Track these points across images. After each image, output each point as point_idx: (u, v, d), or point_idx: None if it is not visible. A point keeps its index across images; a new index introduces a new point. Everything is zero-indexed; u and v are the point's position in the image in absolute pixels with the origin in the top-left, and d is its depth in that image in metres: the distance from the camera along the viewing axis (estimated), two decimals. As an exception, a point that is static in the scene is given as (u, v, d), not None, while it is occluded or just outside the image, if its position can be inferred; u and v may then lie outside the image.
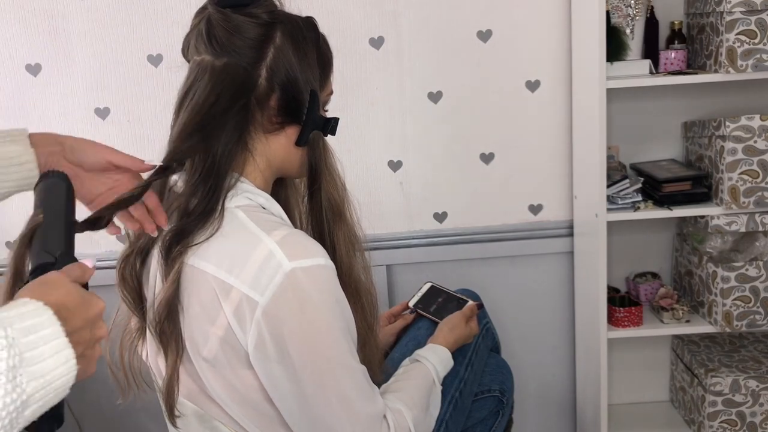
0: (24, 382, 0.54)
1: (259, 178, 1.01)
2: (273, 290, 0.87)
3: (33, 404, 0.56)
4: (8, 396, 0.53)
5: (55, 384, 0.58)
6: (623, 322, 1.85)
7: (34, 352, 0.56)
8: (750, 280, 1.75)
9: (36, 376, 0.56)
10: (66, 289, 0.64)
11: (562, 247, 2.01)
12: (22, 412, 0.55)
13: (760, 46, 1.63)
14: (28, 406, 0.55)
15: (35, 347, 0.56)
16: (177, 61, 1.03)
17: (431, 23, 1.89)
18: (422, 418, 1.08)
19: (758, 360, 1.92)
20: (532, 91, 1.94)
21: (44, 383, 0.56)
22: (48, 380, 0.57)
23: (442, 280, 1.62)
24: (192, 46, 0.98)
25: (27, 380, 0.55)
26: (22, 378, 0.54)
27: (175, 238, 0.92)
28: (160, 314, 0.92)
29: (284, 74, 0.96)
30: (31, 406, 0.55)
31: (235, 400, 0.96)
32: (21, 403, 0.54)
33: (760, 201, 1.71)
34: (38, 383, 0.56)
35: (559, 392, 2.14)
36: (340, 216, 1.05)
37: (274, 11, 0.98)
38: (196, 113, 0.92)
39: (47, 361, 0.57)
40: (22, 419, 0.55)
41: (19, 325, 0.56)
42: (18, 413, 0.54)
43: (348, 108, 1.92)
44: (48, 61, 1.90)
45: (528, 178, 1.99)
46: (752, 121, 1.68)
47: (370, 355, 1.06)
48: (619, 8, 1.80)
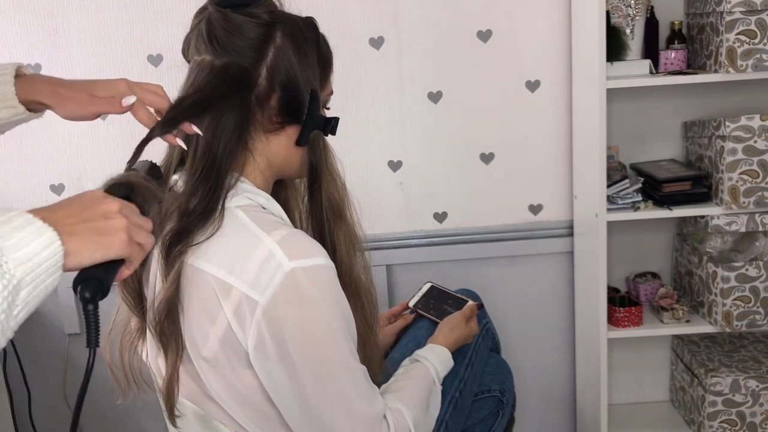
0: (11, 268, 0.58)
1: (260, 178, 1.01)
2: (273, 290, 0.87)
3: (25, 286, 0.59)
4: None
5: (45, 265, 0.61)
6: (623, 322, 1.85)
7: (12, 240, 0.59)
8: (750, 280, 1.75)
9: (23, 261, 0.59)
10: None
11: (562, 247, 2.01)
12: (16, 295, 0.59)
13: (760, 46, 1.63)
14: (21, 288, 0.59)
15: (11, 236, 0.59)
16: (177, 61, 1.03)
17: (431, 23, 1.89)
18: (422, 418, 1.08)
19: (758, 360, 1.92)
20: (532, 91, 1.94)
21: (33, 266, 0.60)
22: (36, 263, 0.60)
23: (442, 280, 1.62)
24: (192, 46, 0.98)
25: (14, 266, 0.58)
26: (8, 265, 0.58)
27: (175, 237, 0.91)
28: (160, 314, 0.92)
29: (284, 74, 0.96)
30: (24, 288, 0.59)
31: (235, 400, 0.96)
32: (13, 287, 0.58)
33: (760, 201, 1.71)
34: (26, 267, 0.59)
35: (559, 392, 2.14)
36: (341, 216, 1.05)
37: (274, 11, 0.98)
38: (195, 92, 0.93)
39: (31, 245, 0.60)
40: (19, 301, 0.59)
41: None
42: (13, 297, 0.58)
43: (348, 108, 1.92)
44: (48, 61, 1.90)
45: (528, 178, 1.99)
46: (752, 121, 1.68)
47: (370, 355, 1.06)
48: (619, 8, 1.80)
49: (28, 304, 0.60)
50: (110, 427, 2.11)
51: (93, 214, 0.68)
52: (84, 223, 0.66)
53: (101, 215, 0.68)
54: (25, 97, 0.92)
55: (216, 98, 0.93)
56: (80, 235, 0.65)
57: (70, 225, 0.64)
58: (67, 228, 0.64)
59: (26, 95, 0.92)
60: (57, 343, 2.07)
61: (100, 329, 0.71)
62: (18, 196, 1.99)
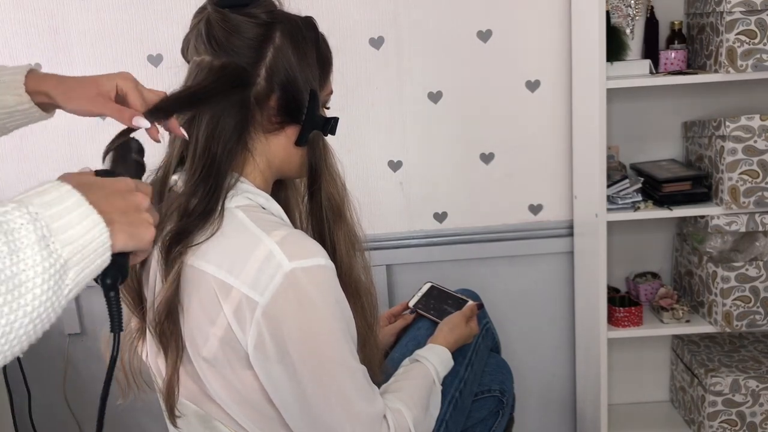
0: (59, 248, 0.59)
1: (259, 178, 1.01)
2: (273, 290, 0.87)
3: (73, 266, 0.60)
4: (46, 261, 0.57)
5: (92, 246, 0.62)
6: (623, 322, 1.85)
7: (61, 221, 0.60)
8: (750, 280, 1.75)
9: (69, 242, 0.60)
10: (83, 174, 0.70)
11: (562, 247, 2.01)
12: (65, 274, 0.59)
13: (760, 46, 1.63)
14: (69, 268, 0.60)
15: (61, 217, 0.60)
16: (177, 61, 1.03)
17: (431, 23, 1.89)
18: (422, 418, 1.08)
19: (758, 360, 1.92)
20: (532, 91, 1.94)
21: (79, 247, 0.61)
22: (82, 244, 0.61)
23: (442, 280, 1.62)
24: (191, 47, 0.98)
25: (61, 246, 0.59)
26: (56, 245, 0.59)
27: (174, 238, 0.91)
28: (160, 314, 0.92)
29: (284, 74, 0.96)
30: (72, 268, 0.60)
31: (235, 400, 0.96)
32: (60, 267, 0.59)
33: (760, 201, 1.71)
34: (73, 248, 0.60)
35: (559, 392, 2.14)
36: (341, 216, 1.05)
37: (273, 11, 0.98)
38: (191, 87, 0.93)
39: (76, 227, 0.61)
40: (69, 280, 0.60)
41: (39, 201, 0.60)
42: (61, 276, 0.59)
43: (348, 108, 1.92)
44: (48, 61, 1.90)
45: (528, 178, 1.99)
46: (752, 121, 1.68)
47: (370, 355, 1.06)
48: (619, 8, 1.80)
49: (79, 284, 0.61)
50: (110, 427, 2.11)
51: (128, 204, 0.69)
52: (121, 214, 0.67)
53: (134, 207, 0.69)
54: (31, 87, 0.94)
55: (212, 93, 0.93)
56: (118, 224, 0.66)
57: (109, 212, 0.65)
58: (108, 215, 0.65)
59: (33, 85, 0.94)
60: (57, 343, 2.07)
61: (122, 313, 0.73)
62: (18, 196, 1.98)
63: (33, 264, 0.56)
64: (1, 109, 0.94)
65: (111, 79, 0.94)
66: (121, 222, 0.66)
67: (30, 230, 0.57)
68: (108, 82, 0.94)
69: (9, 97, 0.93)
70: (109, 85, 0.94)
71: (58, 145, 1.95)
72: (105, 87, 0.94)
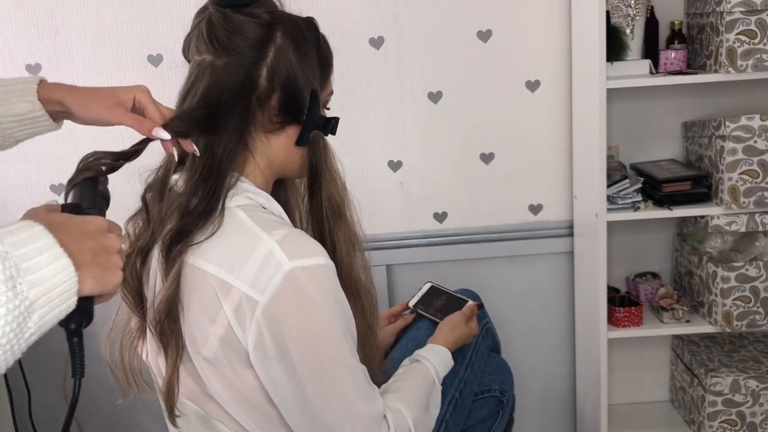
0: (25, 290, 0.58)
1: (260, 178, 1.01)
2: (273, 290, 0.87)
3: (38, 309, 0.59)
4: (11, 302, 0.56)
5: (58, 290, 0.61)
6: (623, 322, 1.85)
7: (31, 262, 0.59)
8: (750, 280, 1.75)
9: (36, 284, 0.59)
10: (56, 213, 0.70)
11: (562, 247, 2.01)
12: (28, 317, 0.58)
13: (760, 46, 1.63)
14: (33, 311, 0.59)
15: (30, 258, 0.59)
16: (177, 61, 1.03)
17: (431, 23, 1.89)
18: (422, 418, 1.08)
19: (758, 360, 1.92)
20: (532, 91, 1.94)
21: (45, 290, 0.60)
22: (49, 287, 0.60)
23: (442, 280, 1.62)
24: (193, 46, 0.98)
25: (28, 288, 0.58)
26: (23, 286, 0.58)
27: (175, 237, 0.92)
28: (160, 314, 0.92)
29: (285, 74, 0.96)
30: (36, 311, 0.59)
31: (235, 399, 0.96)
32: (24, 309, 0.58)
33: (760, 201, 1.71)
34: (39, 290, 0.59)
35: (559, 392, 2.14)
36: (341, 216, 1.05)
37: (274, 11, 0.98)
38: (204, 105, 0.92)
39: (45, 269, 0.60)
40: (32, 323, 0.59)
41: (11, 240, 0.59)
42: (24, 318, 0.58)
43: (348, 108, 1.92)
44: (48, 61, 1.90)
45: (528, 178, 1.99)
46: (752, 121, 1.68)
47: (370, 355, 1.06)
48: (619, 8, 1.80)
49: (42, 327, 0.60)
50: (110, 427, 2.11)
51: (98, 245, 0.67)
52: (91, 255, 0.66)
53: (105, 249, 0.68)
54: (44, 96, 0.93)
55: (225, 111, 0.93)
56: (87, 267, 0.65)
57: (79, 255, 0.64)
58: (78, 258, 0.64)
59: (46, 94, 0.94)
60: (57, 343, 2.07)
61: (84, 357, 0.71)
62: (18, 196, 1.99)
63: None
64: (13, 117, 0.93)
65: (129, 91, 0.94)
66: (91, 265, 0.65)
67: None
68: (126, 94, 0.94)
69: (22, 104, 0.92)
70: (127, 96, 0.93)
71: (57, 146, 1.95)
72: (122, 97, 0.93)
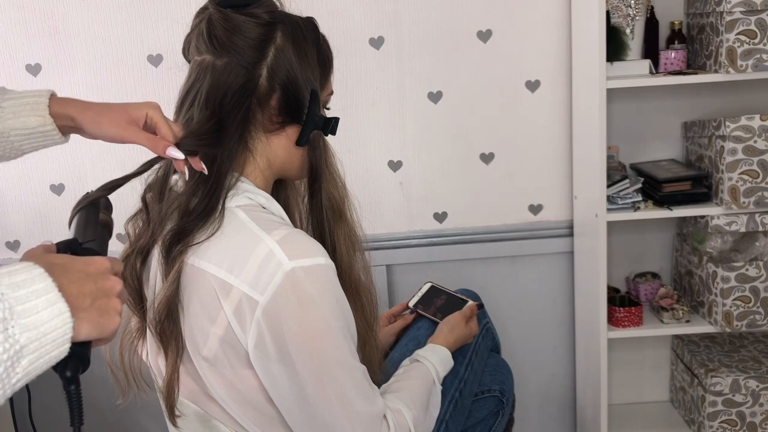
0: (17, 333, 0.56)
1: (260, 178, 1.01)
2: (273, 290, 0.87)
3: (28, 354, 0.57)
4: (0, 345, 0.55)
5: (51, 335, 0.59)
6: (623, 322, 1.85)
7: (26, 305, 0.58)
8: (750, 280, 1.75)
9: (29, 328, 0.57)
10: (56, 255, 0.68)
11: (562, 247, 2.01)
12: (17, 362, 0.57)
13: (760, 46, 1.63)
14: (23, 356, 0.57)
15: (27, 301, 0.58)
16: (177, 61, 1.03)
17: (431, 23, 1.89)
18: (422, 418, 1.08)
19: (758, 360, 1.92)
20: (532, 91, 1.94)
21: (38, 335, 0.58)
22: (42, 332, 0.58)
23: (442, 280, 1.62)
24: (193, 46, 0.98)
25: (20, 332, 0.56)
26: (14, 330, 0.56)
27: (175, 237, 0.92)
28: (160, 314, 0.92)
29: (285, 74, 0.96)
30: (26, 357, 0.57)
31: (235, 399, 0.96)
32: (14, 353, 0.56)
33: (760, 201, 1.71)
34: (32, 334, 0.57)
35: (559, 392, 2.14)
36: (341, 216, 1.05)
37: (274, 11, 0.98)
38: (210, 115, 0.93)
39: (41, 313, 0.58)
40: (20, 369, 0.57)
41: (8, 281, 0.58)
42: (13, 362, 0.56)
43: (348, 108, 1.92)
44: (48, 61, 1.90)
45: (528, 178, 1.99)
46: (752, 121, 1.68)
47: (370, 355, 1.06)
48: (619, 8, 1.80)
49: (29, 374, 0.58)
50: (110, 427, 2.11)
51: (99, 289, 0.66)
52: (91, 299, 0.64)
53: (104, 292, 0.66)
54: (55, 110, 0.93)
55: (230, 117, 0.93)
56: (85, 312, 0.63)
57: (78, 298, 0.63)
58: (75, 301, 0.62)
59: (57, 108, 0.93)
60: (57, 343, 2.07)
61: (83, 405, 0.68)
62: (18, 196, 1.99)
63: None
64: (21, 130, 0.92)
65: (141, 108, 0.93)
66: (89, 310, 0.64)
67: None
68: (138, 111, 0.93)
69: (32, 118, 0.92)
70: (139, 113, 0.93)
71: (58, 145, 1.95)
72: (135, 115, 0.93)
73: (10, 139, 0.93)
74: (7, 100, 0.92)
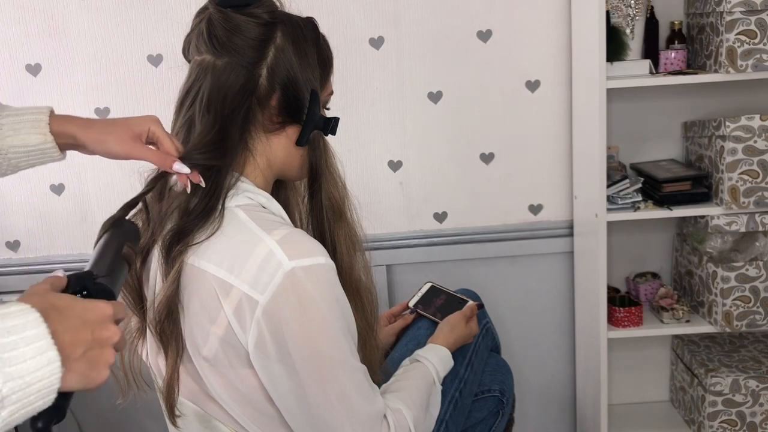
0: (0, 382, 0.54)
1: (260, 178, 1.01)
2: (273, 289, 0.87)
3: (9, 405, 0.54)
4: None
5: (36, 386, 0.56)
6: (623, 322, 1.85)
7: (14, 353, 0.55)
8: (750, 280, 1.75)
9: (13, 377, 0.54)
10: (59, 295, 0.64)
11: (562, 247, 2.01)
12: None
13: (760, 46, 1.63)
14: (4, 407, 0.54)
15: (15, 348, 0.55)
16: (177, 61, 1.04)
17: (431, 23, 1.89)
18: (422, 418, 1.08)
19: (758, 360, 1.92)
20: (532, 91, 1.94)
21: (23, 384, 0.55)
22: (27, 381, 0.55)
23: (442, 280, 1.62)
24: (193, 46, 0.98)
25: (3, 381, 0.54)
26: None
27: (175, 237, 0.92)
28: (160, 313, 0.92)
29: (285, 74, 0.96)
30: (7, 407, 0.54)
31: (235, 399, 0.96)
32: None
33: (760, 201, 1.71)
34: (15, 384, 0.55)
35: (559, 392, 2.14)
36: (341, 215, 1.05)
37: (274, 11, 0.98)
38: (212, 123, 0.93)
39: (28, 362, 0.56)
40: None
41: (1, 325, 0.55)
42: None
43: (348, 108, 1.92)
44: (48, 61, 1.90)
45: (528, 178, 1.99)
46: (752, 121, 1.68)
47: (370, 355, 1.06)
48: (619, 8, 1.80)
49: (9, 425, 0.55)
50: (110, 427, 2.11)
51: (94, 339, 0.62)
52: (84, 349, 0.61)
53: (100, 343, 0.63)
54: (56, 128, 0.92)
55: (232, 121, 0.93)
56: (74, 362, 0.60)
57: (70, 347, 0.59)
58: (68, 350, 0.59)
59: (57, 126, 0.92)
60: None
61: None
62: (18, 196, 1.99)
63: None
64: (21, 147, 0.92)
65: (142, 122, 0.93)
66: (79, 360, 0.60)
67: None
68: (140, 126, 0.92)
69: (33, 136, 0.91)
70: (142, 128, 0.93)
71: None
72: (138, 130, 0.92)
73: (8, 156, 0.92)
74: (5, 117, 0.91)
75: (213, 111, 0.94)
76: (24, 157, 0.93)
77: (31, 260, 2.02)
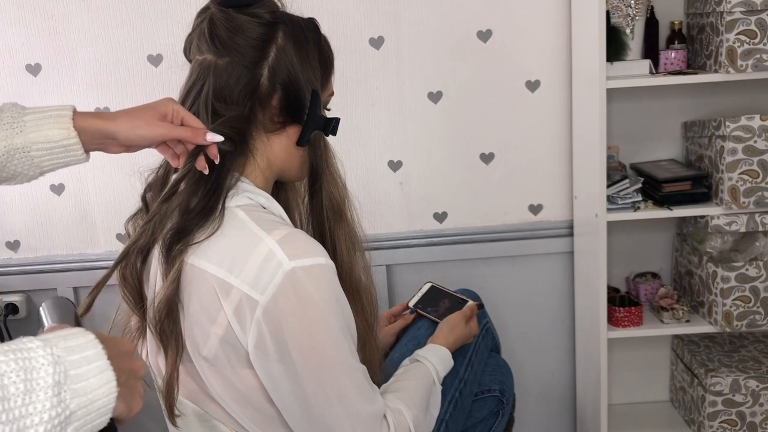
0: (68, 398, 0.56)
1: (260, 178, 1.01)
2: (273, 289, 0.87)
3: (75, 421, 0.57)
4: (54, 410, 0.55)
5: (98, 403, 0.59)
6: (623, 322, 1.85)
7: (79, 370, 0.58)
8: (750, 280, 1.75)
9: (79, 394, 0.57)
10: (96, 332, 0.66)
11: (562, 247, 2.01)
12: (65, 428, 0.56)
13: (760, 46, 1.63)
14: (70, 423, 0.56)
15: (80, 366, 0.58)
16: (177, 61, 1.04)
17: (431, 23, 1.89)
18: (422, 418, 1.08)
19: (758, 360, 1.92)
20: (532, 91, 1.94)
21: (87, 401, 0.58)
22: (90, 399, 0.58)
23: (442, 280, 1.62)
24: (194, 46, 0.98)
25: (71, 397, 0.56)
26: (66, 394, 0.56)
27: (175, 236, 0.92)
28: (160, 313, 0.92)
29: (286, 74, 0.96)
30: (73, 423, 0.57)
31: (235, 399, 0.96)
32: (65, 419, 0.56)
33: (760, 201, 1.71)
34: (81, 401, 0.57)
35: (559, 392, 2.14)
36: (341, 216, 1.05)
37: (276, 12, 0.98)
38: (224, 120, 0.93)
39: (90, 380, 0.58)
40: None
41: (64, 345, 0.58)
42: (61, 428, 0.56)
43: (348, 108, 1.92)
44: (48, 61, 1.90)
45: (528, 178, 1.99)
46: (752, 121, 1.68)
47: (370, 355, 1.06)
48: (619, 8, 1.80)
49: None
50: (110, 427, 2.11)
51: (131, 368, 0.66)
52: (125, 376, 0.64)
53: (134, 373, 0.67)
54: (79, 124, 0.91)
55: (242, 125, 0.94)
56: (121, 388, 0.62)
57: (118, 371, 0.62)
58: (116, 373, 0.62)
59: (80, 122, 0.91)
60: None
61: None
62: (18, 196, 1.98)
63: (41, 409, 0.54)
64: (44, 143, 0.90)
65: (166, 104, 0.93)
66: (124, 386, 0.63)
67: (49, 372, 0.55)
68: (164, 107, 0.92)
69: (56, 130, 0.89)
70: (166, 108, 0.93)
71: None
72: (163, 110, 0.92)
73: (30, 154, 0.90)
74: (28, 114, 0.90)
75: (214, 110, 0.94)
76: (47, 154, 0.91)
77: (31, 260, 2.02)
